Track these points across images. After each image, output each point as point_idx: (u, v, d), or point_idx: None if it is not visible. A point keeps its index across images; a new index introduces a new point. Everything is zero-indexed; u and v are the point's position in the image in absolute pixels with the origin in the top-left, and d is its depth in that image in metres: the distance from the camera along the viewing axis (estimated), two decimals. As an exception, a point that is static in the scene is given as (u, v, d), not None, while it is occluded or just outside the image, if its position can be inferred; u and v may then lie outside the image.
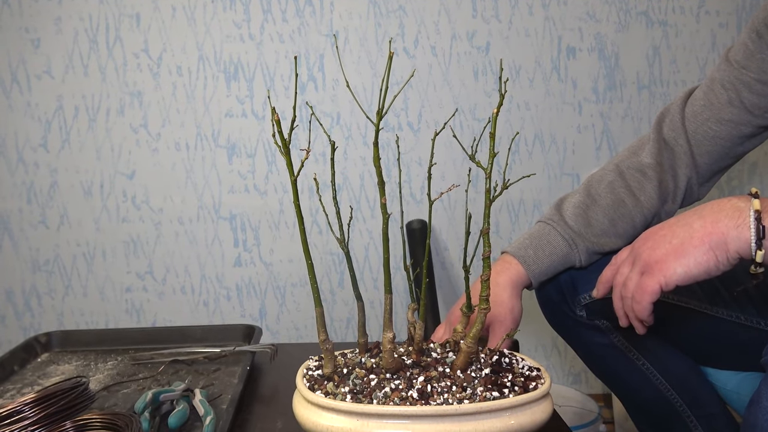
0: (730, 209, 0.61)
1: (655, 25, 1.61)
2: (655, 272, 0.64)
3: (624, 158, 0.92)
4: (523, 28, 1.59)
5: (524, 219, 1.66)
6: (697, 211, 0.65)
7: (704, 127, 0.86)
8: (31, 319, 1.63)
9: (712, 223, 0.61)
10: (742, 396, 0.89)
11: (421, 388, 0.58)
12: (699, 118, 0.87)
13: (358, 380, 0.61)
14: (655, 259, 0.64)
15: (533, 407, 0.58)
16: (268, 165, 1.61)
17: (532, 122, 1.63)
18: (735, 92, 0.84)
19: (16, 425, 0.65)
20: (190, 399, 0.81)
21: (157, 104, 1.57)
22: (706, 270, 0.62)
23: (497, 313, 0.82)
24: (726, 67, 0.85)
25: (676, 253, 0.63)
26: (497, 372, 0.62)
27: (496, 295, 0.82)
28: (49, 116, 1.56)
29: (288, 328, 1.67)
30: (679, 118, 0.89)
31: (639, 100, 1.64)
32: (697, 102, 0.88)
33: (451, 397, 0.57)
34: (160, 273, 1.63)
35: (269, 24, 1.56)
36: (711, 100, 0.86)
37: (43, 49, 1.54)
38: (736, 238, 0.60)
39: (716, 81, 0.86)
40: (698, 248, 0.62)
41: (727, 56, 0.86)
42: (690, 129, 0.88)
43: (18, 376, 0.96)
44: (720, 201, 0.63)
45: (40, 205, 1.59)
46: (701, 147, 0.87)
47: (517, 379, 0.61)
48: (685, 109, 0.89)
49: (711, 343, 0.89)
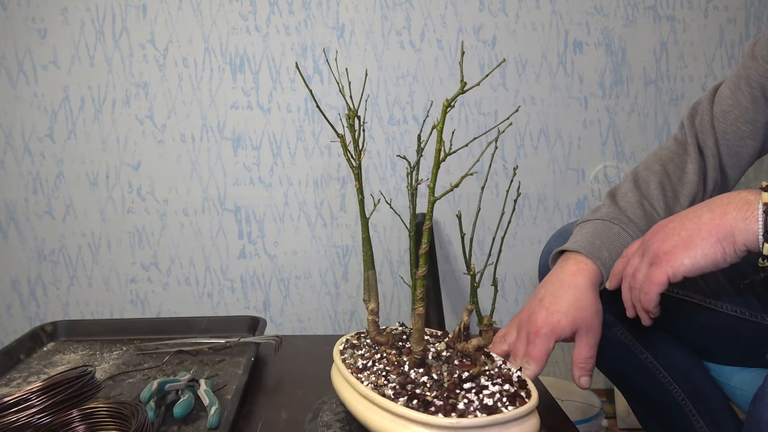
0: (740, 202, 0.61)
1: (662, 19, 1.60)
2: (663, 263, 0.64)
3: (668, 160, 0.88)
4: (530, 21, 1.59)
5: (528, 213, 1.66)
6: (707, 203, 0.65)
7: (733, 127, 0.85)
8: (37, 309, 1.64)
9: (721, 216, 0.61)
10: (745, 392, 0.89)
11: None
12: (728, 117, 0.85)
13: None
14: (663, 250, 0.64)
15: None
16: (273, 157, 1.61)
17: (538, 117, 1.62)
18: (761, 90, 0.82)
19: (23, 413, 0.66)
20: (195, 389, 0.81)
21: (163, 96, 1.57)
22: (714, 261, 0.62)
23: (583, 317, 0.74)
24: (752, 64, 0.83)
25: (684, 244, 0.63)
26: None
27: (577, 299, 0.75)
28: (55, 107, 1.57)
29: (292, 320, 1.67)
30: (708, 118, 0.87)
31: (646, 95, 1.63)
32: (725, 101, 0.86)
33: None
34: (165, 264, 1.64)
35: (275, 16, 1.56)
36: (739, 99, 0.84)
37: (49, 40, 1.54)
38: (743, 230, 0.60)
39: (743, 78, 0.84)
40: (706, 240, 0.61)
41: (753, 51, 0.84)
42: (719, 129, 0.86)
43: (24, 364, 0.96)
44: (730, 194, 0.63)
45: (46, 195, 1.60)
46: (730, 147, 0.86)
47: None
48: (714, 107, 0.87)
49: (715, 338, 0.89)
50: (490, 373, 0.65)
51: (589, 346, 0.74)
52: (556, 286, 0.77)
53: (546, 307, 0.75)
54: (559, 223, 1.66)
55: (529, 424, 0.60)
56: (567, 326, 0.73)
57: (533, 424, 0.60)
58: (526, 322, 0.76)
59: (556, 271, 0.80)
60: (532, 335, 0.74)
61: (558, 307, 0.74)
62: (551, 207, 1.66)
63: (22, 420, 0.65)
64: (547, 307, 0.75)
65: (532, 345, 0.73)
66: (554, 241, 0.95)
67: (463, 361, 0.68)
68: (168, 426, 0.75)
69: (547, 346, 0.73)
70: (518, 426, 0.58)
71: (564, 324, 0.73)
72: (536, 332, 0.74)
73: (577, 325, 0.74)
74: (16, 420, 0.65)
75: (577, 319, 0.74)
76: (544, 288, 0.78)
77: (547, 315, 0.74)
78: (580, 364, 0.74)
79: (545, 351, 0.73)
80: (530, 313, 0.76)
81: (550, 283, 0.78)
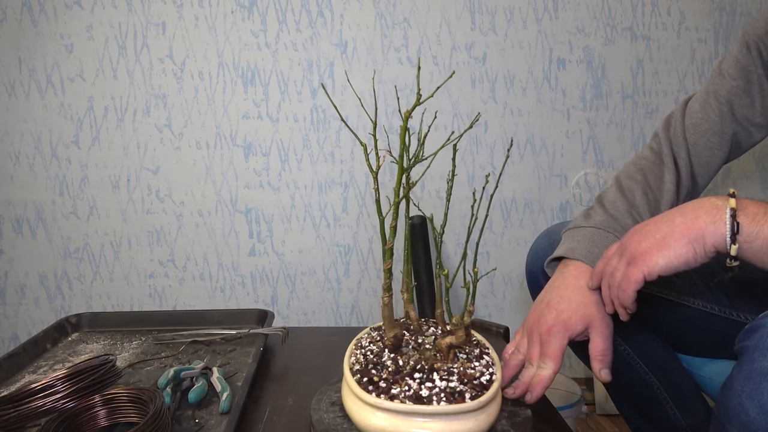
0: (709, 207, 0.61)
1: (639, 39, 1.60)
2: (639, 263, 0.64)
3: (647, 170, 0.87)
4: (518, 40, 1.58)
5: (515, 216, 1.66)
6: (679, 208, 0.65)
7: (703, 139, 0.85)
8: (62, 302, 1.63)
9: (692, 219, 0.61)
10: (714, 381, 0.89)
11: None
12: (698, 130, 0.85)
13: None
14: (640, 251, 0.64)
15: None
16: (281, 163, 1.60)
17: (524, 127, 1.62)
18: (728, 105, 0.83)
19: (48, 398, 0.65)
20: (209, 376, 0.81)
21: (180, 106, 1.57)
22: (686, 261, 0.61)
23: (592, 312, 0.72)
24: (720, 80, 0.84)
25: (658, 245, 0.63)
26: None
27: (583, 296, 0.73)
28: (80, 116, 1.56)
29: (297, 314, 1.67)
30: (680, 131, 0.86)
31: (623, 108, 1.63)
32: (696, 114, 0.86)
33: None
34: (181, 261, 1.63)
35: (284, 33, 1.56)
36: (708, 114, 0.84)
37: (76, 54, 1.53)
38: (713, 233, 0.60)
39: (711, 94, 0.84)
40: (678, 242, 0.61)
41: (720, 69, 0.85)
42: (690, 141, 0.85)
43: (50, 353, 0.96)
44: (701, 200, 0.63)
45: (72, 197, 1.59)
46: (701, 157, 0.85)
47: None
48: (685, 120, 0.87)
49: (688, 331, 0.88)
50: (451, 370, 0.63)
51: (604, 337, 0.71)
52: (561, 290, 0.75)
53: (554, 307, 0.73)
54: (544, 225, 1.66)
55: (449, 424, 0.57)
56: (578, 321, 0.71)
57: (458, 425, 0.57)
58: (536, 325, 0.73)
59: (557, 277, 0.77)
60: (544, 335, 0.71)
61: (566, 305, 0.72)
62: (536, 210, 1.66)
63: (47, 405, 0.65)
64: (556, 307, 0.73)
65: (546, 344, 0.71)
66: (541, 241, 0.94)
67: (436, 355, 0.66)
68: (183, 410, 0.74)
69: (561, 342, 0.70)
70: (436, 422, 0.56)
71: (575, 319, 0.71)
72: (548, 331, 0.71)
73: (588, 320, 0.71)
74: (42, 405, 0.64)
75: (587, 315, 0.71)
76: (549, 293, 0.76)
77: (557, 314, 0.72)
78: (599, 357, 0.71)
79: (560, 348, 0.70)
80: (539, 316, 0.74)
81: (554, 287, 0.76)
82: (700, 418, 0.91)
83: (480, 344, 0.71)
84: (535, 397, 0.70)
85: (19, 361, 0.89)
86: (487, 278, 1.68)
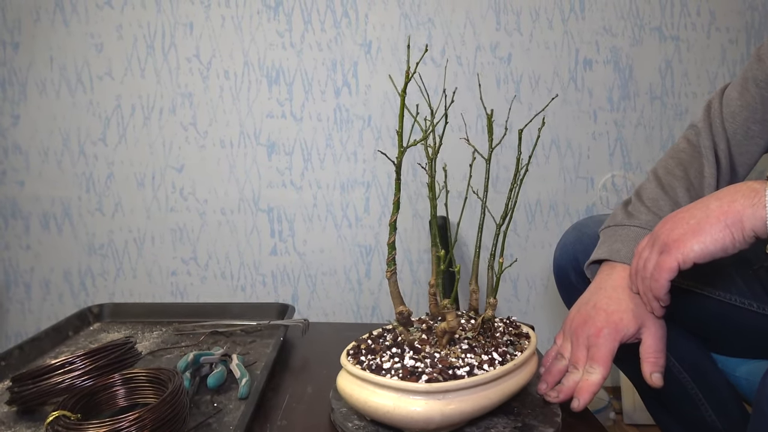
0: (747, 190, 0.58)
1: (667, 39, 1.57)
2: (673, 250, 0.60)
3: (687, 164, 0.83)
4: (543, 40, 1.57)
5: (540, 219, 1.62)
6: (714, 194, 0.61)
7: (743, 127, 0.81)
8: (86, 297, 1.64)
9: (729, 203, 0.58)
10: (751, 382, 0.84)
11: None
12: (738, 118, 0.81)
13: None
14: (673, 238, 0.61)
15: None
16: (304, 162, 1.60)
17: (549, 129, 1.60)
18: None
19: (67, 375, 0.64)
20: (228, 363, 0.80)
21: (206, 105, 1.58)
22: (723, 247, 0.58)
23: (645, 312, 0.67)
24: (759, 65, 0.80)
25: (693, 231, 0.60)
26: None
27: (633, 297, 0.68)
28: (108, 114, 1.58)
29: (318, 313, 1.65)
30: (719, 121, 0.83)
31: (651, 109, 1.59)
32: (734, 102, 0.82)
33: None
34: (203, 259, 1.63)
35: (309, 33, 1.56)
36: (748, 101, 0.80)
37: (105, 53, 1.56)
38: (751, 216, 0.56)
39: (750, 80, 0.81)
40: (714, 226, 0.58)
41: (758, 54, 0.81)
42: (729, 130, 0.82)
43: (71, 340, 0.96)
44: (737, 184, 0.60)
45: (98, 194, 1.60)
46: (741, 147, 0.81)
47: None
48: (723, 109, 0.83)
49: (724, 330, 0.84)
50: (432, 354, 0.61)
51: (658, 338, 0.66)
52: (608, 291, 0.70)
53: (603, 309, 0.68)
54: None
55: (402, 400, 0.55)
56: (630, 322, 0.66)
57: (406, 402, 0.55)
58: (582, 328, 0.67)
59: (603, 278, 0.73)
60: (592, 338, 0.66)
61: (616, 307, 0.67)
62: (561, 213, 1.63)
63: (66, 382, 0.64)
64: (605, 309, 0.68)
65: (595, 348, 0.65)
66: (570, 235, 0.91)
67: (427, 338, 0.65)
68: (202, 395, 0.73)
69: (611, 345, 0.65)
70: (387, 394, 0.56)
71: (627, 320, 0.66)
72: (597, 333, 0.66)
73: (641, 321, 0.66)
74: (61, 381, 0.64)
75: (639, 315, 0.66)
76: (595, 294, 0.71)
77: (606, 315, 0.67)
78: (651, 359, 0.65)
79: (610, 351, 0.65)
80: (585, 318, 0.68)
81: (600, 288, 0.71)
82: (736, 421, 0.87)
83: (513, 343, 0.69)
84: (584, 404, 0.65)
85: (41, 345, 0.89)
86: (511, 281, 1.64)
